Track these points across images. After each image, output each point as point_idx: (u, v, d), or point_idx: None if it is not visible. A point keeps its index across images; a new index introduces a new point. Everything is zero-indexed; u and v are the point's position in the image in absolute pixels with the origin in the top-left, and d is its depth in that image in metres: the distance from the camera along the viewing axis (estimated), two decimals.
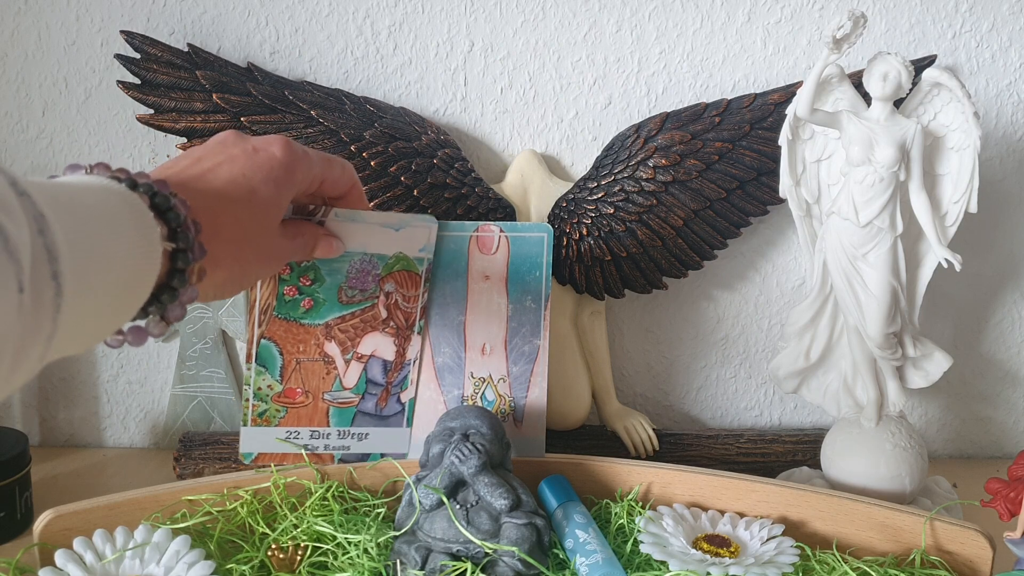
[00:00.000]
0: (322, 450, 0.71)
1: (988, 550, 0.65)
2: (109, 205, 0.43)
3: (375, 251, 0.68)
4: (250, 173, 0.54)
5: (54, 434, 0.93)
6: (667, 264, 0.84)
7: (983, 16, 0.86)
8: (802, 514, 0.69)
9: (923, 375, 0.77)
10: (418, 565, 0.62)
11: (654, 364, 0.93)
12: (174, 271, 0.47)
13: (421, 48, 0.85)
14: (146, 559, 0.61)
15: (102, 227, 0.41)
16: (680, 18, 0.85)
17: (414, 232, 0.69)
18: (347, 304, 0.69)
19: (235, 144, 0.55)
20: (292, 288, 0.68)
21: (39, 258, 0.36)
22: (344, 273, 0.68)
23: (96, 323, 0.43)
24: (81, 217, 0.40)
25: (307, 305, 0.68)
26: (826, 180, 0.75)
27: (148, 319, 0.48)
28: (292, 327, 0.68)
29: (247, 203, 0.53)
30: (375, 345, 0.71)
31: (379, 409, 0.72)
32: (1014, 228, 0.90)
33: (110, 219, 0.42)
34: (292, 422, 0.70)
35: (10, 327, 0.35)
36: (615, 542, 0.68)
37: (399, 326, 0.71)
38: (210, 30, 0.85)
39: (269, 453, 0.71)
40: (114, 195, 0.44)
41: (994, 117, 0.88)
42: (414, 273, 0.70)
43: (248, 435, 0.70)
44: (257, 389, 0.69)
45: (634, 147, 0.83)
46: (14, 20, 0.85)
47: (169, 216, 0.46)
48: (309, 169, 0.58)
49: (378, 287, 0.69)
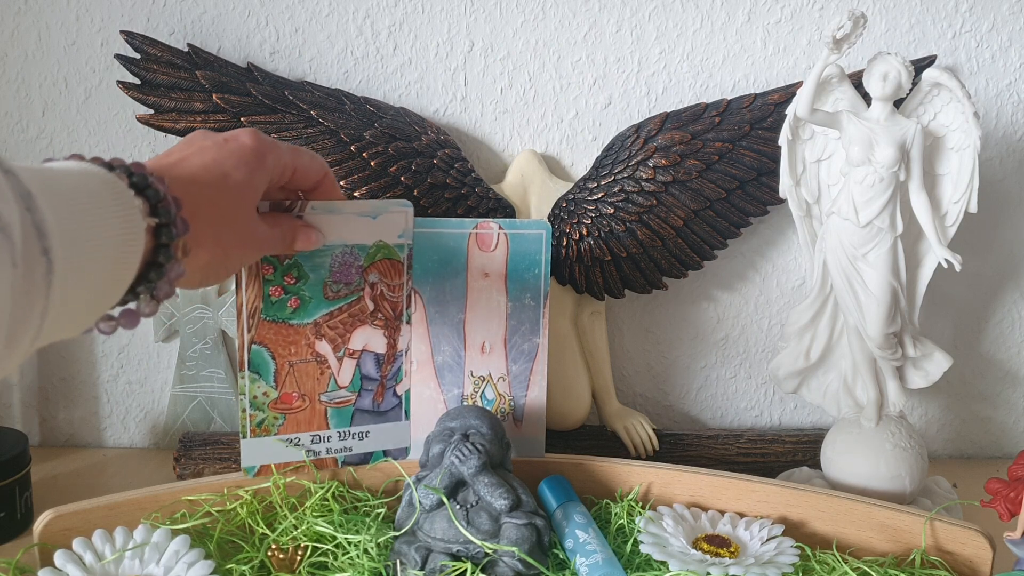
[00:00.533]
0: (325, 454, 0.71)
1: (988, 550, 0.65)
2: (90, 185, 0.44)
3: (355, 241, 0.68)
4: (221, 159, 0.55)
5: (54, 434, 0.93)
6: (667, 264, 0.84)
7: (983, 16, 0.86)
8: (802, 514, 0.69)
9: (923, 375, 0.77)
10: (418, 565, 0.62)
11: (654, 364, 0.93)
12: (159, 247, 0.47)
13: (421, 48, 0.85)
14: (146, 559, 0.61)
15: (86, 205, 0.42)
16: (680, 18, 0.85)
17: (391, 218, 0.69)
18: (334, 300, 0.69)
19: (204, 138, 0.57)
20: (277, 288, 0.67)
21: (29, 235, 0.37)
22: (327, 268, 0.68)
23: (87, 302, 0.44)
24: (65, 196, 0.41)
25: (294, 304, 0.68)
26: (826, 180, 0.75)
27: (139, 299, 0.48)
28: (282, 329, 0.68)
29: (221, 187, 0.54)
30: (366, 339, 0.71)
31: (376, 405, 0.72)
32: (1014, 228, 0.90)
33: (93, 198, 0.43)
34: (291, 428, 0.70)
35: (4, 303, 0.35)
36: (615, 542, 0.68)
37: (387, 317, 0.70)
38: (210, 30, 0.85)
39: (272, 465, 0.70)
40: (94, 177, 0.45)
41: (994, 117, 0.88)
42: (396, 261, 0.70)
43: (249, 447, 0.69)
44: (253, 398, 0.68)
45: (634, 147, 0.83)
46: (14, 20, 0.85)
47: (148, 193, 0.47)
48: (279, 156, 0.59)
49: (362, 279, 0.69)
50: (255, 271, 0.66)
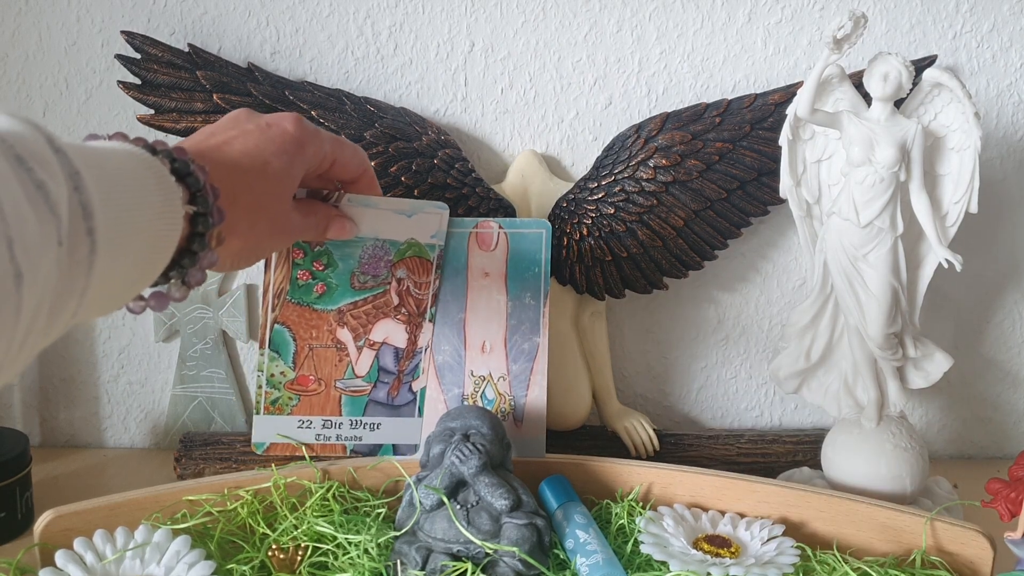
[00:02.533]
0: (334, 440, 0.71)
1: (989, 551, 0.65)
2: (134, 168, 0.44)
3: (387, 237, 0.68)
4: (263, 146, 0.55)
5: (55, 434, 0.93)
6: (667, 264, 0.84)
7: (984, 16, 0.86)
8: (802, 514, 0.69)
9: (923, 375, 0.77)
10: (418, 565, 0.62)
11: (654, 364, 0.93)
12: (194, 235, 0.48)
13: (422, 48, 0.85)
14: (146, 559, 0.61)
15: (129, 188, 0.42)
16: (681, 18, 0.85)
17: (426, 218, 0.69)
18: (359, 290, 0.69)
19: (248, 120, 0.57)
20: (306, 272, 0.68)
21: (75, 214, 0.37)
22: (356, 259, 0.68)
23: (123, 284, 0.44)
24: (110, 177, 0.41)
25: (320, 290, 0.68)
26: (826, 180, 0.75)
27: (170, 284, 0.49)
28: (305, 312, 0.69)
29: (260, 174, 0.55)
30: (387, 332, 0.71)
31: (391, 398, 0.72)
32: (1014, 228, 0.90)
33: (136, 181, 0.43)
34: (304, 411, 0.70)
35: (49, 280, 0.36)
36: (615, 542, 0.68)
37: (411, 313, 0.71)
38: (211, 30, 0.85)
39: (281, 444, 0.71)
40: (137, 159, 0.45)
41: (995, 117, 0.88)
42: (426, 260, 0.70)
43: (261, 424, 0.70)
44: (270, 376, 0.69)
45: (635, 147, 0.83)
46: (15, 21, 0.85)
47: (189, 181, 0.47)
48: (320, 146, 0.59)
49: (390, 273, 0.69)
50: (285, 253, 0.67)
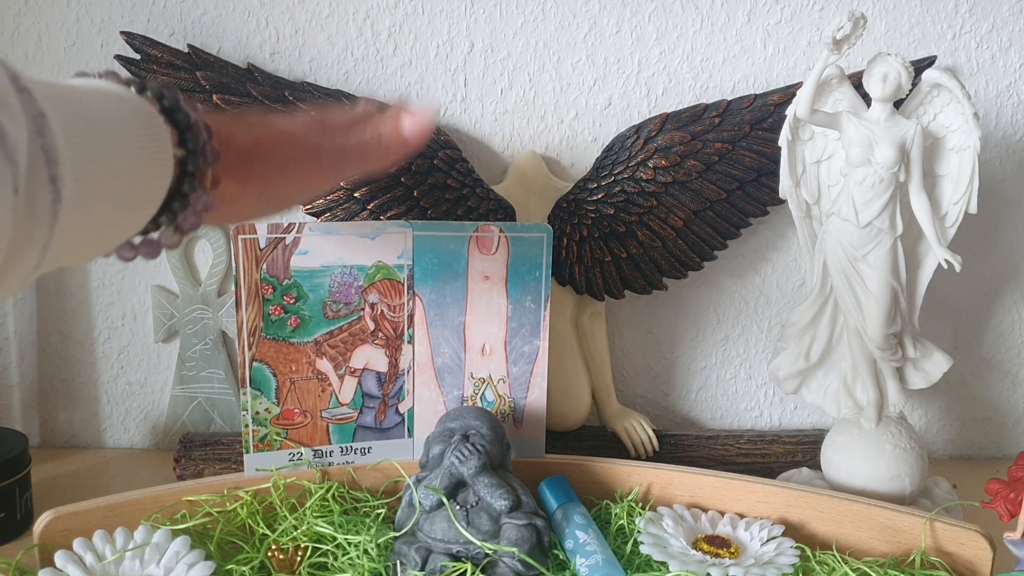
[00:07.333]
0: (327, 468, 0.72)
1: (988, 551, 0.65)
2: (117, 108, 0.41)
3: (354, 262, 0.68)
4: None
5: (54, 435, 0.93)
6: (667, 265, 0.84)
7: (983, 17, 0.86)
8: (802, 515, 0.69)
9: (923, 376, 0.77)
10: (418, 566, 0.62)
11: (654, 365, 0.93)
12: (184, 175, 0.44)
13: (421, 49, 0.85)
14: (146, 560, 0.61)
15: (109, 131, 0.39)
16: (680, 19, 0.85)
17: (391, 239, 0.69)
18: (333, 319, 0.69)
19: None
20: (277, 308, 0.68)
21: (36, 160, 0.35)
22: (326, 288, 0.68)
23: (101, 232, 0.41)
24: (87, 119, 0.38)
25: (294, 324, 0.68)
26: (826, 181, 0.75)
27: (161, 230, 0.46)
28: (282, 347, 0.69)
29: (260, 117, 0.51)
30: (367, 358, 0.71)
31: (379, 422, 0.72)
32: (1014, 229, 0.90)
33: (118, 123, 0.40)
34: (294, 443, 0.71)
35: (4, 229, 0.33)
36: (615, 543, 0.68)
37: (388, 336, 0.71)
38: (210, 31, 0.85)
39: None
40: (123, 99, 0.42)
41: (994, 118, 0.88)
42: (396, 281, 0.70)
43: (252, 462, 0.70)
44: (255, 413, 0.69)
45: (634, 148, 0.83)
46: (14, 21, 0.85)
47: (178, 117, 0.44)
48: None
49: (362, 299, 0.69)
50: (254, 291, 0.67)
